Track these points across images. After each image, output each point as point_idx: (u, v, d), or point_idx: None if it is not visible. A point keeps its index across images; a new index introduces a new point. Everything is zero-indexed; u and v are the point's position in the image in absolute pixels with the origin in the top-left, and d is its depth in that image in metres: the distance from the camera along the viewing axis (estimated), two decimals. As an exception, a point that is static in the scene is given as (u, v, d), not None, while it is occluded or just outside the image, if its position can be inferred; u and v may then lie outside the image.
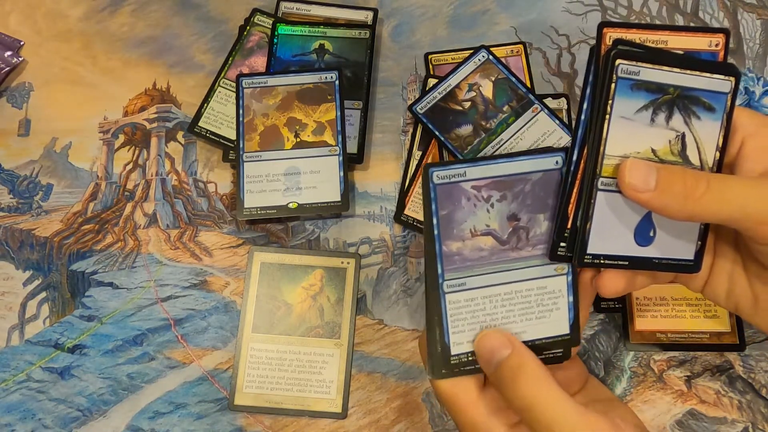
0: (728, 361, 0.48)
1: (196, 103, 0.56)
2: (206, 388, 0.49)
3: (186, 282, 0.52)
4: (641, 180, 0.33)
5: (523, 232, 0.36)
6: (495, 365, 0.34)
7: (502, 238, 0.36)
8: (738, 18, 0.58)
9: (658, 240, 0.36)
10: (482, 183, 0.35)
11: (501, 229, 0.36)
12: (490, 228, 0.36)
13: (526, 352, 0.34)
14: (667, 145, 0.35)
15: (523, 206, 0.36)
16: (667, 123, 0.35)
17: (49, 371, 0.50)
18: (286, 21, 0.57)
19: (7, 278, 0.53)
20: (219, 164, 0.56)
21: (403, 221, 0.52)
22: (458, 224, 0.35)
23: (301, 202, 0.52)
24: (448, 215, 0.35)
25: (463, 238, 0.35)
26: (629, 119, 0.34)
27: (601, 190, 0.35)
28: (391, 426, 0.48)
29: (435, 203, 0.35)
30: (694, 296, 0.49)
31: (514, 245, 0.36)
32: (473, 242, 0.36)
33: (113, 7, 0.60)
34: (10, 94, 0.58)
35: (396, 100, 0.57)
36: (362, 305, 0.51)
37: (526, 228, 0.36)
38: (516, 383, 0.33)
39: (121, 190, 0.55)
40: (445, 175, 0.35)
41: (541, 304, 0.37)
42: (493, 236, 0.36)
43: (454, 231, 0.35)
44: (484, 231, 0.36)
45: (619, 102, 0.34)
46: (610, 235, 0.35)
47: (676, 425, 0.47)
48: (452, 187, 0.35)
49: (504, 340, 0.34)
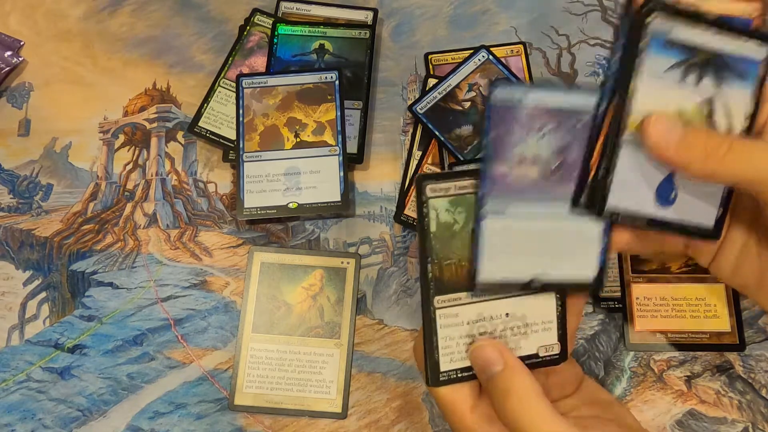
0: (728, 361, 0.48)
1: (196, 103, 0.56)
2: (206, 388, 0.49)
3: (186, 282, 0.52)
4: (663, 135, 0.33)
5: (568, 168, 0.35)
6: (487, 377, 0.34)
7: (550, 169, 0.35)
8: (738, 18, 0.58)
9: (679, 202, 0.35)
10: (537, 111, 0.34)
11: (550, 160, 0.35)
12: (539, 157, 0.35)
13: (517, 369, 0.33)
14: (695, 107, 0.34)
15: (574, 141, 0.35)
16: (696, 85, 0.34)
17: (49, 371, 0.50)
18: (286, 21, 0.57)
19: (7, 278, 0.53)
20: (219, 164, 0.56)
21: (403, 221, 0.52)
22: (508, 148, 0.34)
23: (301, 202, 0.52)
24: (499, 137, 0.34)
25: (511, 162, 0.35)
26: (659, 77, 0.34)
27: (625, 145, 0.34)
28: (391, 426, 0.48)
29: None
30: (694, 296, 0.49)
31: (559, 180, 0.35)
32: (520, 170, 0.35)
33: (113, 7, 0.60)
34: (10, 94, 0.58)
35: (396, 100, 0.57)
36: (362, 305, 0.51)
37: (572, 165, 0.35)
38: (505, 401, 0.33)
39: (121, 190, 0.55)
40: None
41: (570, 244, 0.36)
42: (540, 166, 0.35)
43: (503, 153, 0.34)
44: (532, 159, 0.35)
45: (649, 59, 0.33)
46: (631, 191, 0.35)
47: (676, 425, 0.47)
48: (507, 111, 0.34)
49: (496, 355, 0.34)
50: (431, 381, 0.35)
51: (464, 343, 0.35)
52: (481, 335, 0.35)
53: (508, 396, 0.33)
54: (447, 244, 0.34)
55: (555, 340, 0.36)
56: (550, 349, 0.36)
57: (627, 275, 0.50)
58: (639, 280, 0.50)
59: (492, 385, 0.33)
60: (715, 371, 0.48)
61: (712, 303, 0.49)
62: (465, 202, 0.34)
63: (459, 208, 0.34)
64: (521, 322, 0.35)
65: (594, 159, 0.35)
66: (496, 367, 0.33)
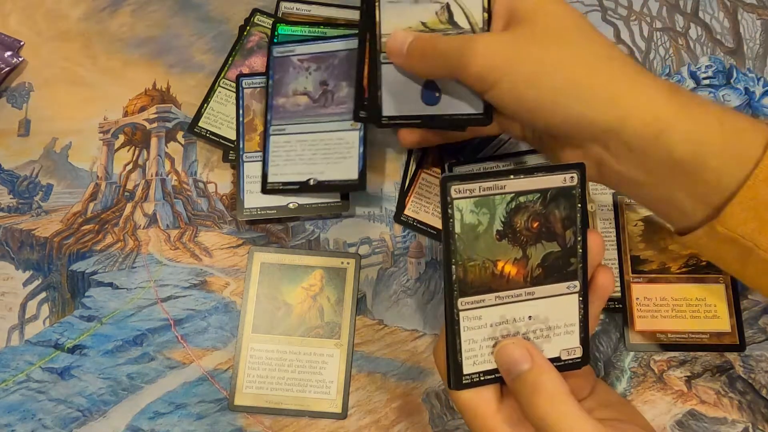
0: (728, 361, 0.48)
1: (196, 103, 0.56)
2: (206, 388, 0.49)
3: (186, 282, 0.52)
4: (397, 47, 0.40)
5: (330, 94, 0.49)
6: (514, 376, 0.33)
7: (314, 97, 0.50)
8: (738, 18, 0.58)
9: (444, 99, 0.42)
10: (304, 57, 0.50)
11: (315, 91, 0.50)
12: (307, 90, 0.50)
13: (545, 367, 0.33)
14: (434, 16, 0.41)
15: (332, 75, 0.50)
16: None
17: (49, 371, 0.50)
18: (286, 21, 0.57)
19: (7, 278, 0.53)
20: (219, 164, 0.56)
21: (403, 221, 0.52)
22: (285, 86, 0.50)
23: (300, 202, 0.52)
24: (279, 79, 0.50)
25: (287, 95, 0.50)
26: (395, 2, 0.41)
27: (383, 63, 0.42)
28: (391, 426, 0.48)
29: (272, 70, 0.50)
30: (694, 296, 0.49)
31: (322, 104, 0.50)
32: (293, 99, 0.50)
33: (113, 7, 0.60)
34: (10, 94, 0.58)
35: (396, 100, 0.56)
36: (362, 305, 0.51)
37: (332, 91, 0.50)
38: (534, 400, 0.32)
39: (121, 190, 0.55)
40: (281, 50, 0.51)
41: (337, 152, 0.49)
42: (309, 96, 0.50)
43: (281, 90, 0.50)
44: (303, 91, 0.50)
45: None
46: (400, 100, 0.42)
47: (676, 425, 0.47)
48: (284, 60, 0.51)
49: (524, 353, 0.34)
50: (454, 384, 0.35)
51: (487, 345, 0.35)
52: (504, 338, 0.35)
53: (536, 394, 0.32)
54: (471, 246, 0.34)
55: (577, 343, 0.36)
56: (572, 353, 0.36)
57: (627, 275, 0.50)
58: (639, 280, 0.50)
59: (519, 384, 0.33)
60: (715, 371, 0.48)
61: (712, 303, 0.49)
62: (489, 203, 0.33)
63: (483, 209, 0.33)
64: (544, 325, 0.35)
65: (364, 80, 0.43)
66: (524, 365, 0.33)
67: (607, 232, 0.51)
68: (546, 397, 0.32)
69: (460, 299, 0.34)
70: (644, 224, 0.51)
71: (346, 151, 0.49)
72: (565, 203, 0.34)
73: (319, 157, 0.50)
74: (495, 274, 0.34)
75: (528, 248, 0.34)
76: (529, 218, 0.34)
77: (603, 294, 0.36)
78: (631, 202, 0.51)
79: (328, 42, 0.51)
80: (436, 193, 0.53)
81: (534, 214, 0.34)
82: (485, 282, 0.34)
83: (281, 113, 0.50)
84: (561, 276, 0.35)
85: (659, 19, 0.58)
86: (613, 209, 0.51)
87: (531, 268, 0.34)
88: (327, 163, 0.49)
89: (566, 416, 0.32)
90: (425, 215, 0.52)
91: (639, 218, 0.51)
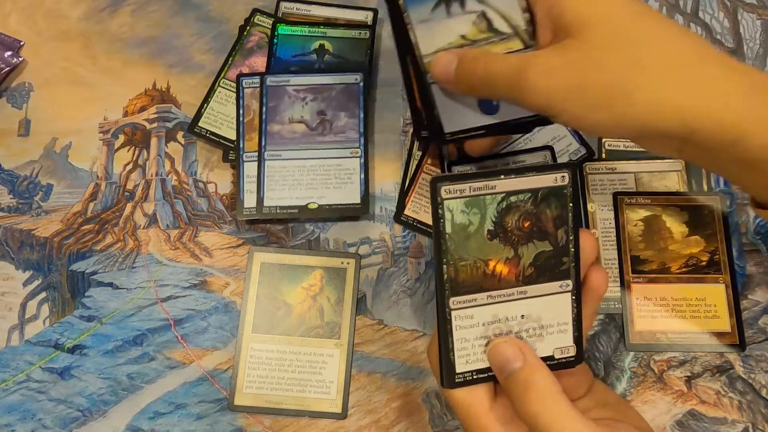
0: (728, 361, 0.48)
1: (196, 103, 0.56)
2: (206, 388, 0.49)
3: (186, 282, 0.52)
4: (443, 72, 0.38)
5: (328, 123, 0.51)
6: (507, 375, 0.34)
7: (311, 125, 0.50)
8: (738, 18, 0.58)
9: (504, 106, 0.40)
10: (300, 88, 0.51)
11: (312, 119, 0.51)
12: (304, 118, 0.51)
13: (537, 366, 0.33)
14: (473, 26, 0.39)
15: (329, 106, 0.51)
16: (463, 8, 0.38)
17: (49, 371, 0.50)
18: (286, 21, 0.57)
19: (7, 278, 0.53)
20: (219, 164, 0.56)
21: (403, 221, 0.52)
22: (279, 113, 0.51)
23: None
24: (274, 107, 0.51)
25: (282, 122, 0.50)
26: (428, 20, 0.39)
27: (432, 83, 0.40)
28: (391, 426, 0.48)
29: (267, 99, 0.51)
30: (694, 296, 0.49)
31: (320, 132, 0.51)
32: (290, 126, 0.50)
33: (113, 7, 0.60)
34: (10, 94, 0.58)
35: (396, 101, 0.56)
36: (362, 305, 0.51)
37: (330, 120, 0.51)
38: (526, 398, 0.32)
39: (121, 190, 0.55)
40: (274, 80, 0.51)
41: (337, 177, 0.50)
42: (305, 124, 0.51)
43: (276, 117, 0.51)
44: (299, 119, 0.51)
45: (412, 11, 0.39)
46: (459, 114, 0.40)
47: (676, 426, 0.47)
48: (278, 89, 0.51)
49: (516, 351, 0.34)
50: (446, 383, 0.35)
51: (480, 344, 0.35)
52: (496, 337, 0.35)
53: (528, 392, 0.32)
54: (462, 245, 0.34)
55: (571, 342, 0.36)
56: (565, 351, 0.36)
57: (627, 275, 0.50)
58: (639, 280, 0.50)
59: (511, 382, 0.33)
60: (715, 371, 0.48)
61: (712, 303, 0.49)
62: (480, 203, 0.34)
63: (474, 209, 0.33)
64: (537, 323, 0.35)
65: (417, 101, 0.41)
66: (516, 363, 0.33)
67: (607, 232, 0.51)
68: (538, 396, 0.32)
69: (452, 298, 0.34)
70: (644, 224, 0.51)
71: (347, 177, 0.51)
72: (556, 203, 0.34)
73: (319, 182, 0.50)
74: (486, 273, 0.34)
75: (519, 248, 0.34)
76: (520, 218, 0.34)
77: (597, 293, 0.36)
78: (631, 202, 0.51)
79: (324, 75, 0.52)
80: (434, 193, 0.53)
81: (525, 214, 0.34)
82: (477, 281, 0.34)
83: (276, 139, 0.51)
84: (553, 275, 0.35)
85: (659, 19, 0.58)
86: (613, 209, 0.51)
87: (523, 267, 0.35)
88: (327, 188, 0.50)
89: (558, 415, 0.32)
90: (425, 215, 0.52)
91: (639, 218, 0.51)
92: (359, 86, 0.52)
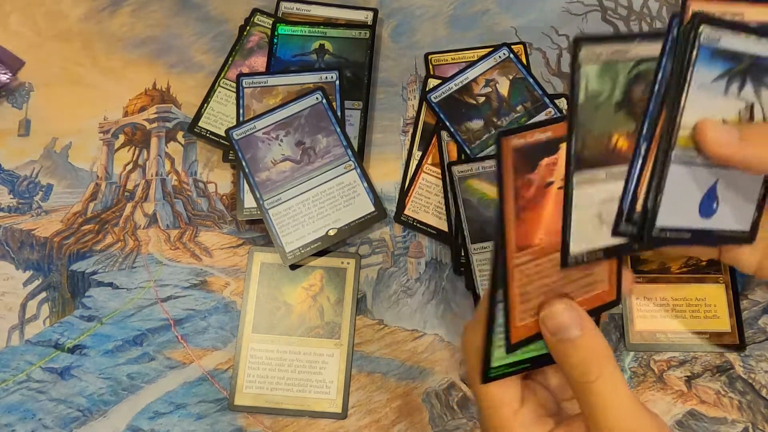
0: (728, 361, 0.48)
1: (196, 103, 0.56)
2: (206, 388, 0.49)
3: (186, 282, 0.52)
4: (724, 134, 0.33)
5: (311, 150, 0.50)
6: (559, 339, 0.32)
7: (296, 159, 0.50)
8: (738, 18, 0.58)
9: (720, 212, 0.36)
10: (269, 129, 0.51)
11: (294, 153, 0.50)
12: (286, 155, 0.50)
13: (598, 336, 0.32)
14: (737, 115, 0.34)
15: (304, 133, 0.51)
16: (739, 93, 0.34)
17: (49, 371, 0.50)
18: (286, 21, 0.57)
19: (7, 278, 0.53)
20: (219, 164, 0.56)
21: (403, 221, 0.52)
22: (260, 160, 0.50)
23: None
24: (252, 157, 0.51)
25: (267, 168, 0.50)
26: (706, 88, 0.33)
27: (674, 163, 0.34)
28: (391, 426, 0.48)
29: (241, 152, 0.50)
30: (694, 296, 0.49)
31: (307, 162, 0.50)
32: (276, 168, 0.50)
33: (113, 7, 0.60)
34: (10, 94, 0.58)
35: (396, 100, 0.57)
36: (362, 305, 0.51)
37: (312, 147, 0.50)
38: (587, 374, 0.32)
39: (121, 190, 0.55)
40: (240, 132, 0.51)
41: (343, 196, 0.50)
42: (290, 160, 0.50)
43: (259, 166, 0.50)
44: (282, 158, 0.50)
45: (698, 70, 0.33)
46: (678, 209, 0.35)
47: (677, 425, 0.47)
48: (248, 139, 0.51)
49: (575, 317, 0.32)
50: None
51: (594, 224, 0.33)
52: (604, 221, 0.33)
53: (589, 366, 0.32)
54: (591, 117, 0.32)
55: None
56: None
57: (627, 275, 0.50)
58: (639, 280, 0.50)
59: (567, 349, 0.32)
60: (715, 371, 0.48)
61: (712, 303, 0.49)
62: (612, 71, 0.32)
63: (606, 78, 0.32)
64: None
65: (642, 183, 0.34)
66: (575, 330, 0.32)
67: (607, 232, 0.51)
68: (600, 374, 0.32)
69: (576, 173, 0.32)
70: (644, 224, 0.51)
71: (351, 192, 0.50)
72: None
73: (328, 207, 0.50)
74: (609, 148, 0.32)
75: None
76: (646, 88, 0.33)
77: None
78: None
79: (285, 107, 0.52)
80: (436, 192, 0.53)
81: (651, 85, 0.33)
82: (599, 156, 0.32)
83: (269, 186, 0.50)
84: None
85: (659, 19, 0.58)
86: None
87: None
88: (338, 210, 0.50)
89: (619, 397, 0.31)
90: (425, 215, 0.52)
91: (639, 218, 0.51)
92: (323, 103, 0.52)
